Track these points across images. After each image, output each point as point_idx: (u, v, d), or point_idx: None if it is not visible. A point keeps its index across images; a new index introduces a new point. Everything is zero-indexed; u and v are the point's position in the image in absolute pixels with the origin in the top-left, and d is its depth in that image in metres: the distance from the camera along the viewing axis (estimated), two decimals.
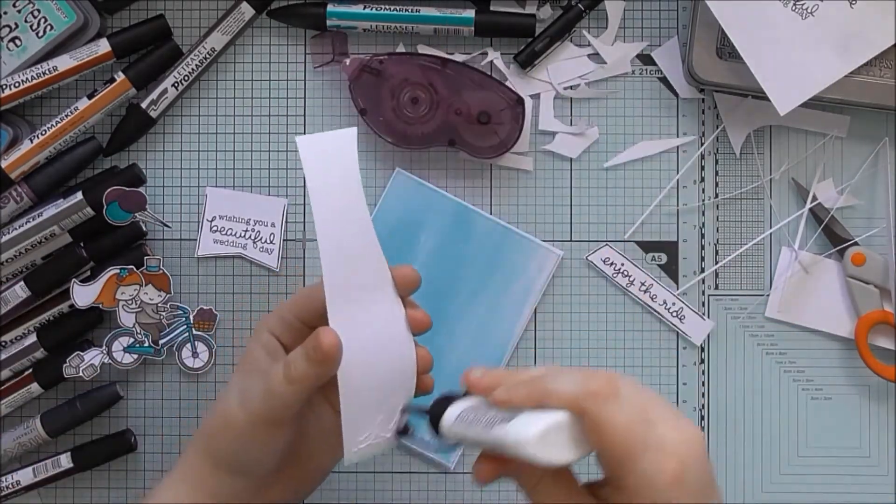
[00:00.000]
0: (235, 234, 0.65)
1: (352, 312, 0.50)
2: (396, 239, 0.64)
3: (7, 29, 0.63)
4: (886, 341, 0.64)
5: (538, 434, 0.41)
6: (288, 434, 0.51)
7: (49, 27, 0.63)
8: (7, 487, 0.64)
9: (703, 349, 0.65)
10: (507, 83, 0.65)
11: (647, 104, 0.65)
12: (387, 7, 0.64)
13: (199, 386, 0.65)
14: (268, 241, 0.65)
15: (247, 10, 0.64)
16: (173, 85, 0.64)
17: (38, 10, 0.62)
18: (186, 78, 0.64)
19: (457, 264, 0.64)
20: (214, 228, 0.65)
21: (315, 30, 0.65)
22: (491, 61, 0.65)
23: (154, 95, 0.64)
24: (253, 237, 0.65)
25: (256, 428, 0.50)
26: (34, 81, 0.62)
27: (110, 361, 0.63)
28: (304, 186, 0.65)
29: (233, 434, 0.50)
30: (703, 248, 0.65)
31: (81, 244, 0.64)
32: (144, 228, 0.65)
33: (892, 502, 0.65)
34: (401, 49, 0.65)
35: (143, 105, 0.64)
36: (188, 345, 0.64)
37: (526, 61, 0.64)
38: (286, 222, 0.65)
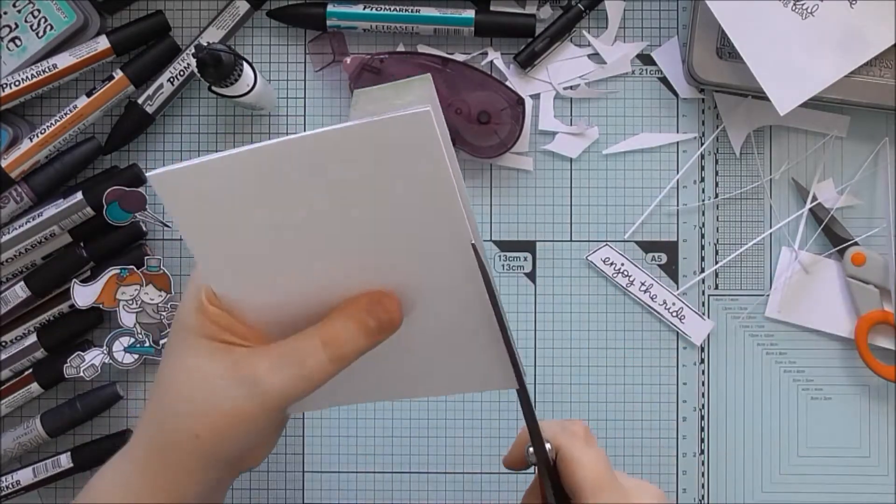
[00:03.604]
0: None
1: None
2: None
3: (7, 29, 0.63)
4: (886, 341, 0.64)
5: None
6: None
7: (49, 27, 0.63)
8: (7, 487, 0.64)
9: (703, 349, 0.65)
10: (507, 83, 0.65)
11: (647, 104, 0.65)
12: (387, 7, 0.64)
13: None
14: None
15: (241, 6, 0.64)
16: (169, 80, 0.64)
17: (38, 10, 0.62)
18: (182, 73, 0.64)
19: None
20: None
21: (315, 30, 0.65)
22: (491, 61, 0.65)
23: (150, 91, 0.64)
24: None
25: (273, 416, 0.43)
26: (34, 80, 0.62)
27: (111, 361, 0.63)
28: None
29: (246, 429, 0.42)
30: (703, 248, 0.65)
31: (81, 244, 0.64)
32: (144, 228, 0.65)
33: (892, 502, 0.65)
34: (401, 49, 0.65)
35: (140, 101, 0.64)
36: None
37: (526, 61, 0.64)
38: None
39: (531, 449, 0.46)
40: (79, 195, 0.62)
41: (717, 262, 0.65)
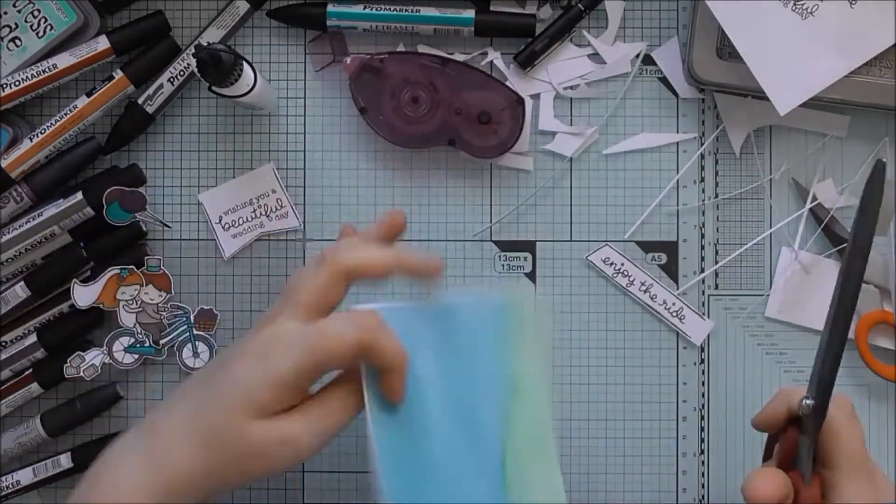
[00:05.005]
0: (248, 220, 0.65)
1: None
2: None
3: (7, 29, 0.63)
4: (886, 341, 0.64)
5: None
6: None
7: (49, 27, 0.63)
8: (7, 487, 0.64)
9: (703, 349, 0.65)
10: (507, 83, 0.65)
11: (647, 104, 0.65)
12: (387, 7, 0.64)
13: None
14: (278, 208, 0.65)
15: (241, 6, 0.64)
16: (169, 80, 0.64)
17: (38, 10, 0.62)
18: (182, 73, 0.64)
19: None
20: (227, 226, 0.65)
21: (315, 30, 0.65)
22: (491, 61, 0.65)
23: (150, 91, 0.64)
24: (265, 212, 0.65)
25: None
26: (34, 80, 0.62)
27: (111, 361, 0.63)
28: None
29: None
30: (703, 248, 0.65)
31: (81, 244, 0.64)
32: (144, 228, 0.65)
33: (891, 502, 0.65)
34: (401, 49, 0.65)
35: (140, 101, 0.64)
36: (189, 345, 0.64)
37: (526, 61, 0.64)
38: (287, 186, 0.66)
39: (807, 402, 0.49)
40: (79, 195, 0.62)
41: (717, 262, 0.65)
